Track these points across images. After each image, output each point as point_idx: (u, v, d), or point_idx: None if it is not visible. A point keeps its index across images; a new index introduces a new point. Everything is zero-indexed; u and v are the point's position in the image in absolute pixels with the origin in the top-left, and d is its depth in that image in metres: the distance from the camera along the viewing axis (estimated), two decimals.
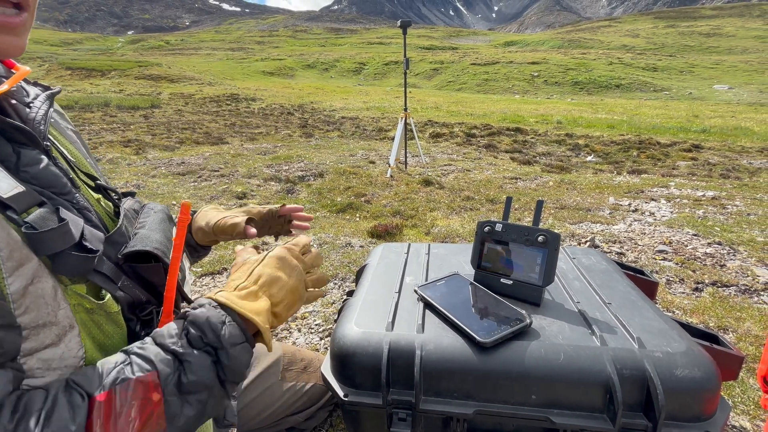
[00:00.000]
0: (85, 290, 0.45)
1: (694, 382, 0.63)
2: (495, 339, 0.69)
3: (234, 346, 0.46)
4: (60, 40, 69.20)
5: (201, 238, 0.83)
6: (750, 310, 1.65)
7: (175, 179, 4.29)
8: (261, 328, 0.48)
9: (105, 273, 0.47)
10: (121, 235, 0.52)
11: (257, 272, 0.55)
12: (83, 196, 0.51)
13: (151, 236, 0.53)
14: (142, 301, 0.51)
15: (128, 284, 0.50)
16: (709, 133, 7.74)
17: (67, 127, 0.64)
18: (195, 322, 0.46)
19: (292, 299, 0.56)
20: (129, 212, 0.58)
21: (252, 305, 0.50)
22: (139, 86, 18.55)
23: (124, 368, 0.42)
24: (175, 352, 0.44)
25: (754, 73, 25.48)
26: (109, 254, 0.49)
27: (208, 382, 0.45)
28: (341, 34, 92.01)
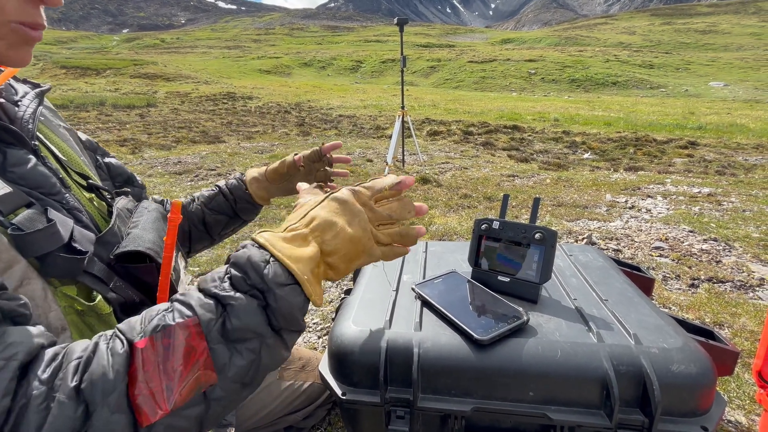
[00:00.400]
0: (76, 292, 0.44)
1: (690, 378, 0.64)
2: (492, 336, 0.69)
3: (281, 287, 0.41)
4: (54, 38, 68.63)
5: (256, 189, 0.83)
6: (745, 305, 1.66)
7: (171, 178, 4.27)
8: (297, 277, 0.42)
9: (96, 274, 0.46)
10: (114, 235, 0.51)
11: (312, 214, 0.47)
12: (74, 196, 0.50)
13: (143, 236, 0.52)
14: (136, 301, 0.51)
15: (121, 285, 0.49)
16: (705, 130, 7.78)
17: (60, 125, 0.63)
18: (237, 263, 0.42)
19: (352, 250, 0.47)
20: (122, 212, 0.57)
21: (293, 250, 0.43)
22: (135, 85, 18.44)
23: (165, 315, 0.39)
24: (216, 296, 0.40)
25: (749, 70, 25.61)
26: (101, 255, 0.48)
27: (256, 328, 0.40)
28: (338, 31, 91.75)
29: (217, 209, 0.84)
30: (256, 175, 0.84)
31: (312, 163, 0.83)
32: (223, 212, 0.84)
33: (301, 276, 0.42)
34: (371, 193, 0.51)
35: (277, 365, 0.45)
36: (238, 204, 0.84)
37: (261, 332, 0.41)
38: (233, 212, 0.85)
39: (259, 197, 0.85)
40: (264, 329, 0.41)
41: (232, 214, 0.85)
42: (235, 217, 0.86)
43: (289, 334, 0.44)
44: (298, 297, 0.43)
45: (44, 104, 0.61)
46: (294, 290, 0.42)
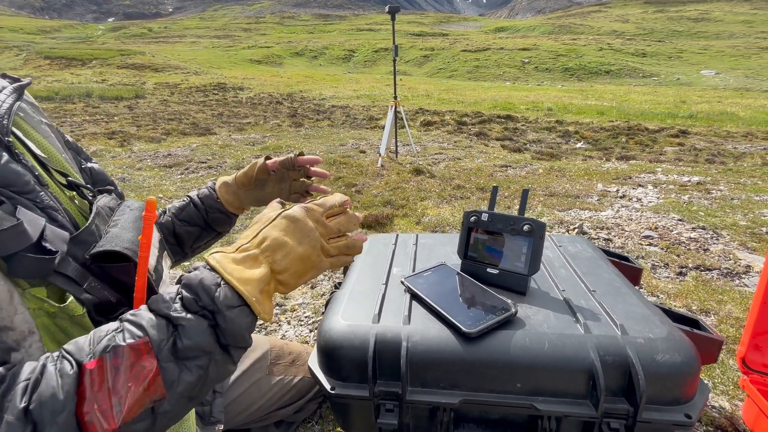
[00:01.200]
0: (46, 293, 0.43)
1: (674, 367, 0.65)
2: (480, 329, 0.69)
3: (230, 309, 0.43)
4: (37, 27, 66.61)
5: (225, 194, 0.80)
6: (731, 292, 1.69)
7: (161, 171, 4.21)
8: (246, 298, 0.44)
9: (68, 275, 0.45)
10: (91, 234, 0.50)
11: (263, 234, 0.49)
12: (51, 194, 0.49)
13: (122, 235, 0.51)
14: (112, 302, 0.50)
15: (96, 286, 0.48)
16: (696, 118, 7.83)
17: (42, 121, 0.61)
18: (189, 285, 0.44)
19: (301, 268, 0.50)
20: (103, 210, 0.55)
21: (242, 272, 0.45)
22: (122, 76, 18.03)
23: (115, 336, 0.40)
24: (168, 317, 0.42)
25: (740, 58, 25.73)
26: (76, 254, 0.47)
27: (206, 346, 0.42)
28: (330, 20, 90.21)
29: (188, 220, 0.80)
30: (226, 179, 0.80)
31: (286, 170, 0.79)
32: (194, 223, 0.80)
33: (249, 298, 0.45)
34: (323, 209, 0.54)
35: (224, 379, 0.47)
36: (209, 214, 0.80)
37: (210, 350, 0.43)
38: (205, 223, 0.80)
39: (229, 203, 0.80)
40: (213, 347, 0.43)
41: (204, 225, 0.80)
42: (207, 229, 0.81)
43: (237, 350, 0.46)
44: (247, 318, 0.45)
45: (25, 99, 0.59)
46: (242, 311, 0.45)
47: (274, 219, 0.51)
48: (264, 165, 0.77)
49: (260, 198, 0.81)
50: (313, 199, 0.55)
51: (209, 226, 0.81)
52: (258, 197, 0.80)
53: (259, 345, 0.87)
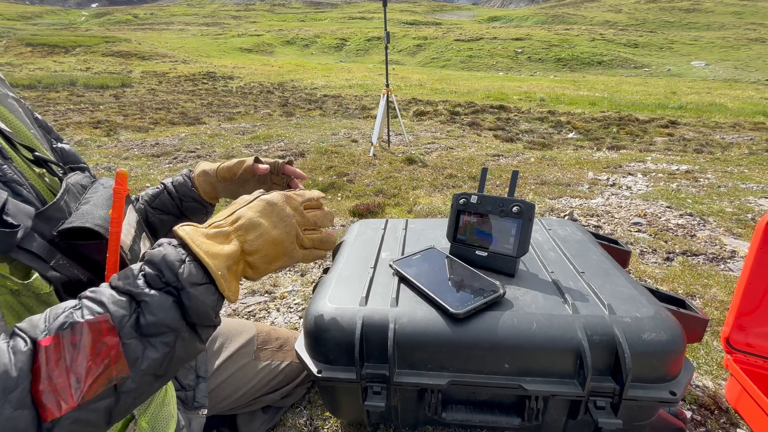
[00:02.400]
0: (9, 270, 0.41)
1: (660, 345, 0.65)
2: (468, 310, 0.68)
3: (195, 286, 0.42)
4: (17, 13, 64.26)
5: (202, 182, 0.76)
6: (717, 277, 1.72)
7: (149, 161, 4.12)
8: (212, 273, 0.43)
9: (33, 251, 0.43)
10: (59, 210, 0.47)
11: (238, 213, 0.49)
12: (15, 168, 0.46)
13: (93, 212, 0.48)
14: (83, 281, 0.47)
15: (64, 263, 0.46)
16: (686, 109, 7.90)
17: (8, 94, 0.58)
18: (151, 261, 0.42)
19: (273, 252, 0.49)
20: (75, 187, 0.53)
21: (211, 246, 0.44)
22: (108, 64, 17.55)
23: (73, 312, 0.38)
24: (130, 293, 0.40)
25: (730, 50, 25.93)
26: (42, 231, 0.45)
27: (171, 323, 0.41)
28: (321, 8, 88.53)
29: (161, 208, 0.77)
30: (206, 168, 0.77)
31: (272, 175, 0.78)
32: (168, 212, 0.77)
33: (215, 272, 0.43)
34: (302, 199, 0.54)
35: (192, 357, 0.46)
36: (184, 202, 0.77)
37: (176, 327, 0.41)
38: (179, 212, 0.78)
39: (205, 192, 0.77)
40: (179, 324, 0.42)
41: (178, 214, 0.78)
42: (182, 218, 0.78)
43: (204, 329, 0.45)
44: (212, 295, 0.44)
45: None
46: (208, 289, 0.43)
47: (252, 201, 0.51)
48: (251, 167, 0.75)
49: (238, 193, 0.78)
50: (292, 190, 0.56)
51: (183, 215, 0.78)
52: (236, 192, 0.78)
53: (246, 330, 0.85)
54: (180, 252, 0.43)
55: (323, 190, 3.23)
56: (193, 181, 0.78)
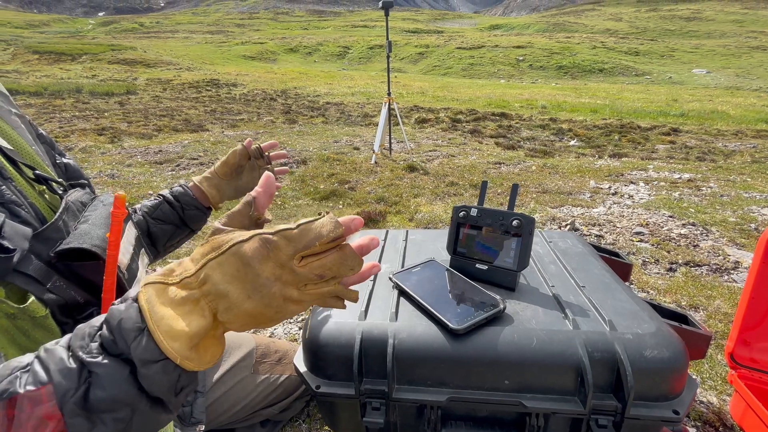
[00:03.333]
0: (4, 294, 0.40)
1: (663, 362, 0.64)
2: (468, 325, 0.68)
3: (148, 364, 0.34)
4: (25, 21, 65.34)
5: (208, 188, 0.81)
6: (720, 288, 1.71)
7: (151, 168, 4.15)
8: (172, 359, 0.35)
9: (29, 273, 0.42)
10: (57, 230, 0.47)
11: (207, 270, 0.36)
12: (15, 188, 0.46)
13: (91, 232, 0.48)
14: (79, 302, 0.47)
15: (61, 285, 0.45)
16: (688, 117, 7.91)
17: (11, 111, 0.58)
18: (109, 321, 0.35)
19: (251, 322, 0.38)
20: (74, 205, 0.52)
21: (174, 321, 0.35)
22: (113, 71, 17.77)
23: (20, 377, 0.34)
24: (81, 360, 0.34)
25: (731, 57, 26.03)
26: (40, 252, 0.45)
27: (125, 398, 0.34)
28: (324, 16, 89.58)
29: (162, 218, 0.79)
30: (206, 174, 0.82)
31: (255, 159, 0.83)
32: (169, 221, 0.80)
33: (175, 356, 0.35)
34: (293, 249, 0.35)
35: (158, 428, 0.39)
36: (185, 211, 0.80)
37: (130, 402, 0.35)
38: (180, 221, 0.81)
39: (211, 196, 0.81)
40: (135, 398, 0.35)
41: (179, 223, 0.80)
42: (182, 227, 0.81)
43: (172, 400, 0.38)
44: (170, 375, 0.36)
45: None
46: (165, 367, 0.35)
47: (225, 251, 0.36)
48: (243, 149, 0.80)
49: (238, 188, 0.83)
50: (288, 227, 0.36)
51: (184, 223, 0.81)
52: (237, 187, 0.82)
53: (245, 342, 0.85)
54: (139, 318, 0.35)
55: (325, 198, 3.23)
56: (193, 189, 0.81)
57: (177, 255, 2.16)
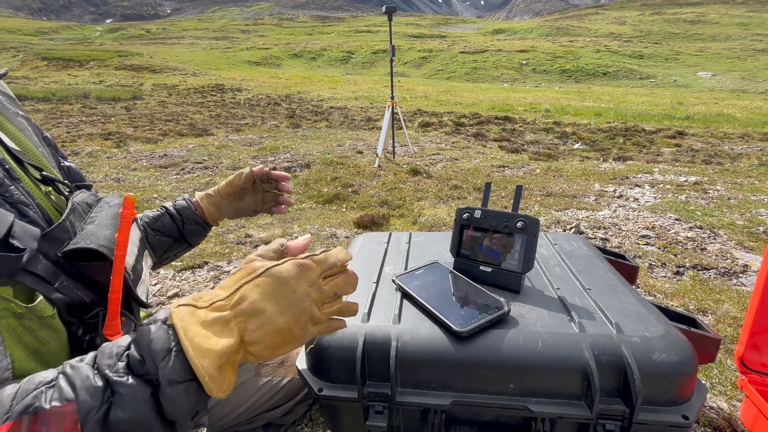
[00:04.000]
0: (12, 293, 0.40)
1: (671, 366, 0.63)
2: (471, 328, 0.67)
3: (173, 385, 0.35)
4: (34, 29, 66.47)
5: (207, 205, 0.80)
6: (729, 292, 1.68)
7: (156, 172, 4.18)
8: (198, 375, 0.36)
9: (38, 273, 0.43)
10: (64, 231, 0.47)
11: (242, 293, 0.39)
12: (23, 189, 0.47)
13: (98, 233, 0.48)
14: (86, 302, 0.47)
15: (68, 285, 0.46)
16: (693, 119, 7.86)
17: (18, 113, 0.59)
18: (138, 342, 0.37)
19: (278, 341, 0.40)
20: (80, 206, 0.53)
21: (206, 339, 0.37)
22: (120, 77, 17.99)
23: (45, 392, 0.34)
24: (107, 378, 0.35)
25: (736, 60, 25.88)
26: (47, 252, 0.45)
27: (143, 420, 0.35)
28: (328, 22, 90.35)
29: (161, 230, 0.79)
30: (208, 191, 0.82)
31: (261, 183, 0.82)
32: (168, 234, 0.79)
33: (203, 374, 0.36)
34: (321, 270, 0.42)
35: None
36: (186, 225, 0.80)
37: (148, 425, 0.35)
38: (179, 234, 0.80)
39: (210, 214, 0.81)
40: (152, 421, 0.36)
41: (177, 236, 0.80)
42: (180, 240, 0.81)
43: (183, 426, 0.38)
44: (191, 397, 0.37)
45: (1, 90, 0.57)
46: (188, 389, 0.36)
47: (261, 274, 0.40)
48: (251, 174, 0.79)
49: (239, 209, 0.82)
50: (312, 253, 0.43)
51: (183, 237, 0.81)
52: (237, 208, 0.82)
53: None
54: (170, 339, 0.37)
55: (328, 201, 3.23)
56: (196, 205, 0.81)
57: (173, 266, 2.17)
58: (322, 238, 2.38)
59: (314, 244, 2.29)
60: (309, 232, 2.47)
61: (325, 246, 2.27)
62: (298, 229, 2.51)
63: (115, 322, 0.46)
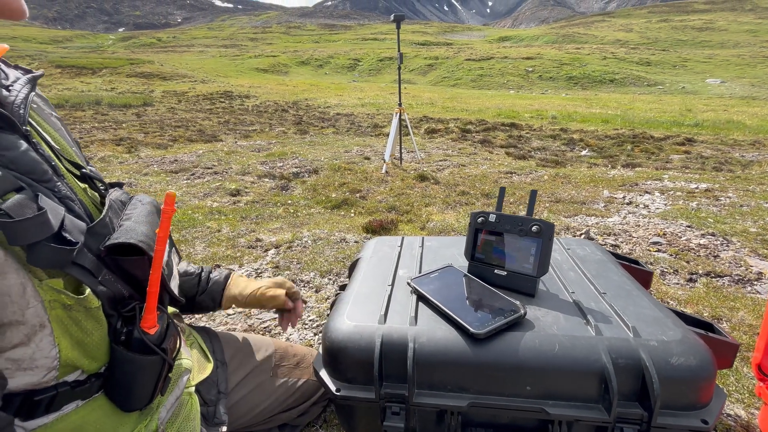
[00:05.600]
0: (63, 285, 0.42)
1: (690, 371, 0.63)
2: (489, 330, 0.68)
3: None
4: (49, 38, 68.14)
5: (227, 302, 0.82)
6: (743, 299, 1.66)
7: (167, 177, 4.24)
8: None
9: (85, 266, 0.44)
10: (104, 226, 0.49)
11: None
12: (67, 185, 0.49)
13: (136, 228, 0.50)
14: (124, 296, 0.49)
15: (110, 278, 0.47)
16: (702, 126, 7.79)
17: (51, 113, 0.62)
18: None
19: None
20: (115, 203, 0.55)
21: None
22: (131, 84, 18.33)
23: None
24: None
25: (746, 67, 25.66)
26: (91, 246, 0.46)
27: None
28: (335, 30, 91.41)
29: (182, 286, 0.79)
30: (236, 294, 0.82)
31: None
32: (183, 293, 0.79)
33: None
34: None
35: None
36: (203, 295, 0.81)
37: None
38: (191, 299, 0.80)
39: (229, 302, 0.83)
40: None
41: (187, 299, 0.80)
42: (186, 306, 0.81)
43: None
44: None
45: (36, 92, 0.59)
46: None
47: None
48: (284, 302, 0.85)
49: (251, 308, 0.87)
50: None
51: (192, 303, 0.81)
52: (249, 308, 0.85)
53: (264, 346, 0.86)
54: None
55: (336, 207, 3.25)
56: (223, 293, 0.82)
57: (193, 260, 2.19)
58: (332, 243, 2.39)
59: (323, 248, 2.31)
60: (319, 237, 2.49)
61: (335, 249, 2.29)
62: (307, 234, 2.53)
63: (152, 315, 0.48)
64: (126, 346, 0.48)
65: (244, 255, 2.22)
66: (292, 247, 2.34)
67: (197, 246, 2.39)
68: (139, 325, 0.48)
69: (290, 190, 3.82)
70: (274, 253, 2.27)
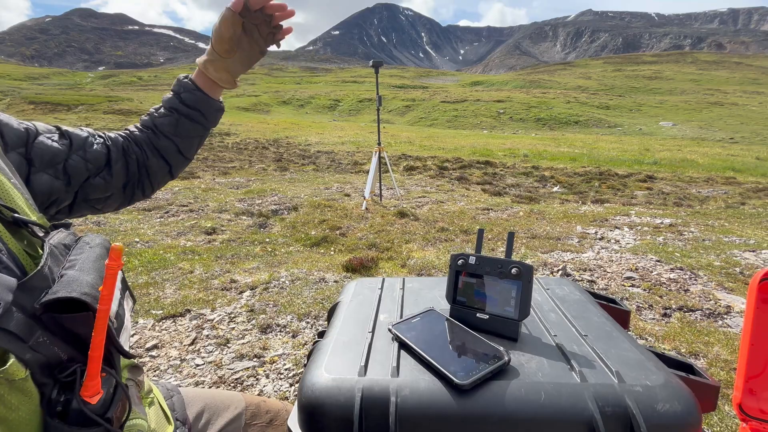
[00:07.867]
0: None
1: (676, 417, 0.62)
2: (473, 380, 0.65)
3: None
4: (25, 74, 67.43)
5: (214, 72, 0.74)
6: (716, 334, 1.70)
7: (140, 215, 4.10)
8: None
9: (11, 330, 0.37)
10: (43, 278, 0.42)
11: None
12: None
13: (80, 278, 0.43)
14: (62, 360, 0.42)
15: (44, 341, 0.40)
16: (660, 164, 8.38)
17: None
18: None
19: None
20: (57, 248, 0.47)
21: None
22: (108, 121, 18.15)
23: None
24: None
25: (693, 111, 28.27)
26: (24, 304, 0.39)
27: None
28: (316, 72, 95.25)
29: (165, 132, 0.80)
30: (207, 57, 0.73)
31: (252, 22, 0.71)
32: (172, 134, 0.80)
33: None
34: None
35: None
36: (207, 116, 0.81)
37: None
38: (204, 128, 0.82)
39: (222, 80, 0.76)
40: None
41: None
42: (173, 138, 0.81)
43: None
44: None
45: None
46: None
47: None
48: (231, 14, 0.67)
49: (244, 60, 0.75)
50: None
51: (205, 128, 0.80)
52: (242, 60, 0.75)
53: (234, 402, 0.79)
54: None
55: (316, 244, 3.20)
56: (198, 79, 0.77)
57: (161, 305, 2.06)
58: (310, 283, 2.33)
59: (302, 289, 2.24)
60: (297, 277, 2.42)
61: (314, 290, 2.21)
62: (285, 273, 2.46)
63: (94, 382, 0.41)
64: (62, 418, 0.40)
65: (217, 298, 2.11)
66: (269, 288, 2.26)
67: (167, 288, 2.26)
68: (78, 393, 0.41)
69: (268, 227, 3.75)
70: (249, 294, 2.18)
